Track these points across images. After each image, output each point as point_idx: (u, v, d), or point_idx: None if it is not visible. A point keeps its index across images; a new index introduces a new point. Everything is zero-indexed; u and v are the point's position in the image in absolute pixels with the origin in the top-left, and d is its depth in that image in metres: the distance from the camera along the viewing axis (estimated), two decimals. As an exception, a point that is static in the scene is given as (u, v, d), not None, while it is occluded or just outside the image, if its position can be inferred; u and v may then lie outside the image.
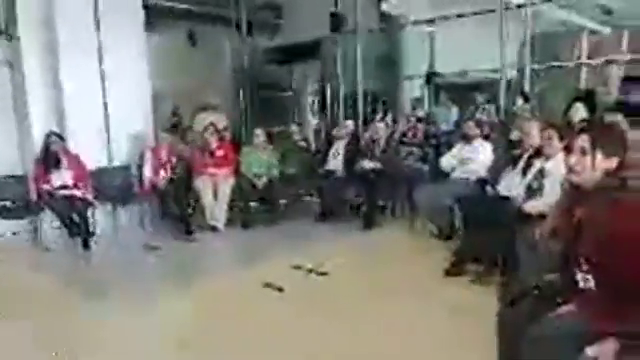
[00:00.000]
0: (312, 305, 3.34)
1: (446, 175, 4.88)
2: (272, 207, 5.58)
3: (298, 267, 4.00)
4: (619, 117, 2.64)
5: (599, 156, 1.68)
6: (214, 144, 5.57)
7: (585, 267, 1.71)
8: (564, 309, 1.74)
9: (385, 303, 3.28)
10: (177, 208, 5.23)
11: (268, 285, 3.63)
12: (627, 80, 5.84)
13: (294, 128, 6.61)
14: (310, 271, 3.93)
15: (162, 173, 5.42)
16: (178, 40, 8.00)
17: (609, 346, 1.32)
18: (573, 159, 1.72)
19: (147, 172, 5.42)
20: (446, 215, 4.43)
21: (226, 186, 5.34)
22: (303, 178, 6.03)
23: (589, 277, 1.70)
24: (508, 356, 1.84)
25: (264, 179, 5.52)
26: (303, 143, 6.55)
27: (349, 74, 7.79)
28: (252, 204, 5.55)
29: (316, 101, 8.87)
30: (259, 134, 5.85)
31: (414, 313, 3.10)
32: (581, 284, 1.72)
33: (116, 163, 5.67)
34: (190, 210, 5.40)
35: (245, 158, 5.72)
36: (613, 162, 1.68)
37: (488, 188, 4.11)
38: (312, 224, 5.49)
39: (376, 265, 4.12)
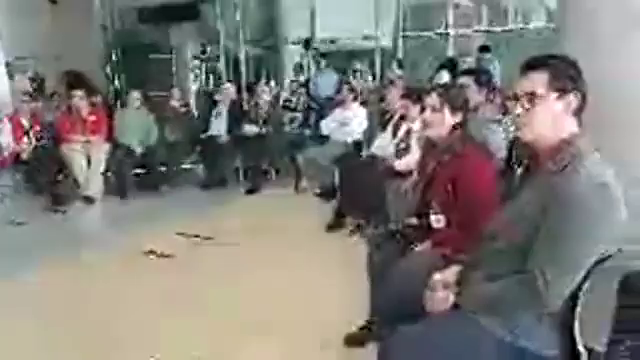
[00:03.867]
0: (198, 270, 3.33)
1: (326, 138, 5.11)
2: (152, 175, 5.38)
3: (182, 234, 3.96)
4: (468, 80, 2.99)
5: (447, 112, 1.91)
6: (85, 110, 5.18)
7: (437, 210, 1.97)
8: (421, 246, 1.99)
9: (272, 259, 3.39)
10: (44, 178, 4.83)
11: (151, 252, 3.56)
12: (482, 49, 6.52)
13: (174, 92, 6.37)
14: (195, 237, 3.91)
15: (25, 141, 4.94)
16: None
17: (452, 270, 1.56)
18: (426, 115, 1.94)
19: (6, 141, 4.91)
20: (327, 175, 4.65)
21: (100, 153, 5.04)
22: (185, 144, 5.86)
23: (441, 218, 1.97)
24: (377, 288, 2.07)
25: (141, 145, 5.28)
26: (183, 108, 6.34)
27: (230, 36, 7.62)
28: (130, 172, 5.30)
29: (196, 64, 8.57)
30: (135, 97, 5.55)
31: (299, 266, 3.25)
32: (434, 225, 1.99)
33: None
34: (60, 178, 5.00)
35: (120, 123, 5.41)
36: (458, 117, 1.93)
37: (363, 149, 4.42)
38: (196, 191, 5.41)
39: (261, 226, 4.19)
